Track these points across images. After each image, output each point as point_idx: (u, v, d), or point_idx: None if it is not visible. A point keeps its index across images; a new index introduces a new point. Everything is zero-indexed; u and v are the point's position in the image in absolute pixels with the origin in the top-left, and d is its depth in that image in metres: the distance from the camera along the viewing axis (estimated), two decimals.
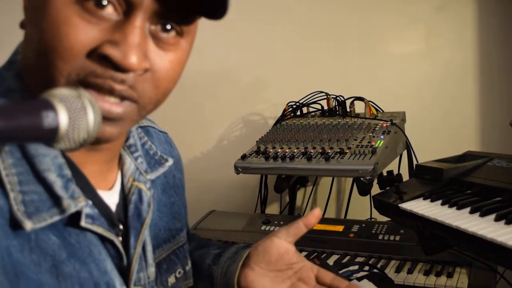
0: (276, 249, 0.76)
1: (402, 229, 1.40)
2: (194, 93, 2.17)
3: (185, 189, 0.84)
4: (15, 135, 0.37)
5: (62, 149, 0.43)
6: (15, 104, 0.39)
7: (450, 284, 1.12)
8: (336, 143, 1.42)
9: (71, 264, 0.53)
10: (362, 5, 1.94)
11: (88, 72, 0.50)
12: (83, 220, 0.55)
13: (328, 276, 0.77)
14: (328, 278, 0.76)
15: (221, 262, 0.79)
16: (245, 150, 1.51)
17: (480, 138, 1.84)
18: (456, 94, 1.86)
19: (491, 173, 0.99)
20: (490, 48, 1.82)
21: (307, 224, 0.78)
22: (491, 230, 0.74)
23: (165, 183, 0.77)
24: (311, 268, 0.77)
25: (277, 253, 0.75)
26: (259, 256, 0.76)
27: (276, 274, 0.76)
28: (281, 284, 0.75)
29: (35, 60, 0.51)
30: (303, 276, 0.76)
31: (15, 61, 0.56)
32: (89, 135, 0.43)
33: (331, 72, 1.99)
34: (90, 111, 0.43)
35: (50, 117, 0.40)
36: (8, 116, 0.37)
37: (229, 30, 2.10)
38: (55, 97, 0.41)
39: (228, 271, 0.77)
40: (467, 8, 1.83)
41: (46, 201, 0.52)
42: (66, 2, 0.49)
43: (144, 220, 0.65)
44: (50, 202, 0.52)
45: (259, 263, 0.75)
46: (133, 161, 0.67)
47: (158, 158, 0.73)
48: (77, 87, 0.48)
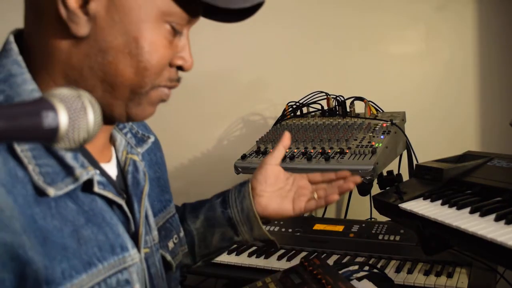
0: (272, 172, 0.93)
1: (402, 229, 1.40)
2: (194, 93, 2.17)
3: (166, 166, 0.91)
4: (15, 135, 0.38)
5: (62, 149, 0.43)
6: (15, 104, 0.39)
7: (450, 284, 1.12)
8: (336, 143, 1.42)
9: (89, 228, 0.58)
10: (362, 5, 1.94)
11: (166, 78, 0.65)
12: (96, 186, 0.60)
13: (317, 176, 0.95)
14: (318, 176, 0.95)
15: (232, 204, 0.92)
16: (245, 150, 1.51)
17: (480, 138, 1.84)
18: (456, 94, 1.86)
19: (491, 173, 0.99)
20: (490, 48, 1.82)
21: (284, 146, 0.94)
22: (491, 230, 0.73)
23: (149, 160, 0.83)
24: (302, 176, 0.96)
25: (273, 175, 0.93)
26: (262, 184, 0.92)
27: (280, 193, 0.93)
28: (286, 198, 0.93)
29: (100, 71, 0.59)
30: (299, 185, 0.94)
31: (10, 49, 0.60)
32: (89, 135, 0.43)
33: (331, 72, 1.99)
34: (90, 111, 0.43)
35: (50, 117, 0.40)
36: (8, 116, 0.37)
37: (229, 31, 2.10)
38: (55, 97, 0.41)
39: (243, 207, 0.91)
40: (467, 8, 1.82)
41: (60, 172, 0.57)
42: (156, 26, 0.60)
43: (143, 187, 0.71)
44: (64, 173, 0.57)
45: (264, 189, 0.92)
46: (123, 136, 0.75)
47: (140, 136, 0.80)
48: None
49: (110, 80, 0.60)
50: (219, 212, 0.93)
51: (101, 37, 0.58)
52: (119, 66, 0.59)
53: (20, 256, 0.51)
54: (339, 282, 0.83)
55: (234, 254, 1.40)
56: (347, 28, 1.97)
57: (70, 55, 0.59)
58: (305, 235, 1.48)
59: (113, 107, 0.63)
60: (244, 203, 0.91)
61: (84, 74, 0.59)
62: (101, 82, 0.60)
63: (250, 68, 2.09)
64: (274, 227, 1.55)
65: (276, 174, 0.93)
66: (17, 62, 0.59)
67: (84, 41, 0.58)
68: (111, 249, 0.60)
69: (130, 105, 0.63)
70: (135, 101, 0.63)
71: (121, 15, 0.58)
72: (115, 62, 0.59)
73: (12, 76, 0.58)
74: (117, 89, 0.61)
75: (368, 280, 0.95)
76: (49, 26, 0.58)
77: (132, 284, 0.62)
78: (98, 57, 0.59)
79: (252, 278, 1.00)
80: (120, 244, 0.62)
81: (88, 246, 0.58)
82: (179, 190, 2.16)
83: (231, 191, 0.94)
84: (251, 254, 1.39)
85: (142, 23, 0.59)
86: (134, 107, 0.64)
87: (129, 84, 0.61)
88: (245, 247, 1.43)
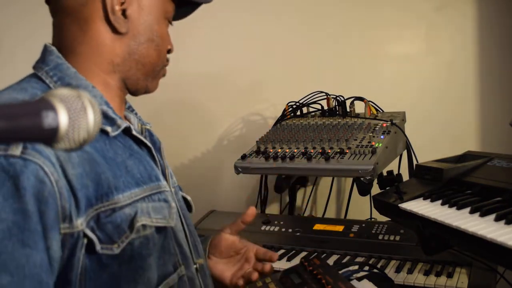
0: (224, 242, 1.03)
1: (402, 229, 1.40)
2: (195, 93, 2.17)
3: None
4: (15, 134, 0.38)
5: (62, 149, 0.43)
6: (16, 104, 0.39)
7: (450, 284, 1.12)
8: (336, 143, 1.42)
9: (132, 160, 0.79)
10: (363, 5, 1.95)
11: (166, 59, 0.90)
12: (134, 131, 0.82)
13: (261, 251, 1.02)
14: (261, 252, 1.01)
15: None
16: (245, 150, 1.51)
17: (480, 138, 1.84)
18: (456, 94, 1.86)
19: (491, 173, 0.99)
20: (491, 48, 1.82)
21: (244, 221, 1.02)
22: (491, 230, 0.73)
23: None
24: (252, 248, 1.02)
25: (225, 245, 1.02)
26: (212, 249, 1.03)
27: (228, 260, 1.03)
28: (232, 267, 1.02)
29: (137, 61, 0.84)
30: (247, 257, 1.02)
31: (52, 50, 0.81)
32: (89, 135, 0.43)
33: (331, 72, 1.99)
34: (90, 111, 0.43)
35: (50, 117, 0.40)
36: (8, 116, 0.37)
37: (229, 31, 2.10)
38: (55, 97, 0.41)
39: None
40: (468, 8, 1.83)
41: (106, 123, 0.77)
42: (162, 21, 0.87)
43: (160, 144, 0.93)
44: (109, 123, 0.78)
45: (214, 254, 1.03)
46: (135, 116, 0.95)
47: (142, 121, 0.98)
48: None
49: (142, 60, 0.85)
50: None
51: (136, 31, 0.83)
52: (149, 50, 0.85)
53: (97, 168, 0.71)
54: (339, 282, 0.83)
55: None
56: (347, 28, 1.98)
57: (115, 47, 0.82)
58: (305, 235, 1.48)
59: (140, 80, 0.87)
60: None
61: (126, 58, 0.83)
62: (135, 63, 0.84)
63: (250, 68, 2.09)
64: (274, 227, 1.55)
65: (228, 244, 1.02)
66: (59, 57, 0.80)
67: (125, 35, 0.82)
68: (149, 177, 0.80)
69: (149, 80, 0.88)
70: (153, 76, 0.88)
71: (146, 15, 0.84)
72: (146, 47, 0.85)
73: (59, 65, 0.79)
74: (145, 67, 0.86)
75: (368, 280, 0.95)
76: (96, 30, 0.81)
77: (169, 202, 0.83)
78: (135, 45, 0.83)
79: None
80: (155, 175, 0.82)
81: (134, 172, 0.77)
82: None
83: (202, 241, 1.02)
84: None
85: (157, 20, 0.85)
86: (151, 81, 0.89)
87: (154, 62, 0.87)
88: None
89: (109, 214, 0.71)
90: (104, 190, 0.71)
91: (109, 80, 0.82)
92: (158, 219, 0.78)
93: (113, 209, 0.72)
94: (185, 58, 2.12)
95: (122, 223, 0.72)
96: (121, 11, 0.81)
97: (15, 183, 0.60)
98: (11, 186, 0.60)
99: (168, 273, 0.81)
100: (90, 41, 0.81)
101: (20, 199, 0.60)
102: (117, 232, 0.71)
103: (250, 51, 2.09)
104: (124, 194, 0.74)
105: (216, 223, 1.64)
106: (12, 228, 0.59)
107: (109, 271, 0.71)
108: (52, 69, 0.78)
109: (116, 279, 0.72)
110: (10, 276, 0.58)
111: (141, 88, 0.88)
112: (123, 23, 0.81)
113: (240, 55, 2.10)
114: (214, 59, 2.12)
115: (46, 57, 0.80)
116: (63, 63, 0.79)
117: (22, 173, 0.61)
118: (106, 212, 0.71)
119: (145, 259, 0.76)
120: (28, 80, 0.78)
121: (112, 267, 0.71)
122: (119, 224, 0.72)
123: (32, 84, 0.76)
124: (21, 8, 2.20)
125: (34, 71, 0.80)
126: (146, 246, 0.76)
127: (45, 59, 0.80)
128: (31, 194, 0.61)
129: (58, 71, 0.78)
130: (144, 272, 0.76)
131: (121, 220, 0.72)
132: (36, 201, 0.61)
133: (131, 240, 0.73)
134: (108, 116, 0.79)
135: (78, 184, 0.67)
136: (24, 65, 0.85)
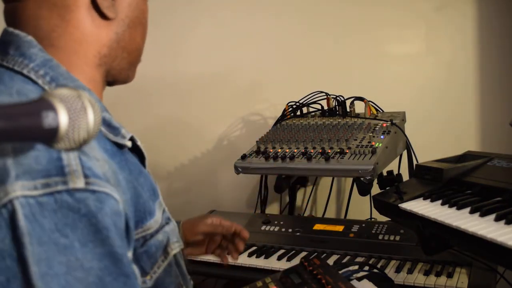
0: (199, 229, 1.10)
1: (402, 229, 1.40)
2: (195, 93, 2.17)
3: None
4: (16, 135, 0.38)
5: (62, 149, 0.43)
6: (16, 104, 0.39)
7: (450, 284, 1.12)
8: (336, 143, 1.42)
9: (142, 177, 0.69)
10: (363, 5, 1.95)
11: None
12: (139, 142, 0.73)
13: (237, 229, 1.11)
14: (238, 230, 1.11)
15: None
16: (245, 150, 1.51)
17: (480, 138, 1.84)
18: (456, 94, 1.86)
19: (491, 173, 0.99)
20: (491, 48, 1.82)
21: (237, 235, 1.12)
22: (491, 230, 0.73)
23: None
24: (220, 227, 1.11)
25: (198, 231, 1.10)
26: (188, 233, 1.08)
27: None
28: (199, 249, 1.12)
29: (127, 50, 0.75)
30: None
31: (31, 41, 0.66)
32: (89, 135, 0.43)
33: (331, 72, 1.99)
34: (90, 111, 0.43)
35: (50, 117, 0.40)
36: (8, 116, 0.37)
37: (229, 31, 2.10)
38: (55, 97, 0.41)
39: None
40: (468, 7, 1.83)
41: (114, 133, 0.67)
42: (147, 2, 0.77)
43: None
44: (114, 132, 0.67)
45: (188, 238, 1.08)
46: None
47: None
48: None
49: (128, 47, 0.75)
50: None
51: (123, 15, 0.73)
52: (135, 34, 0.76)
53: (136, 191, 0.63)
54: (339, 282, 0.83)
55: None
56: (347, 28, 1.97)
57: (101, 35, 0.71)
58: (305, 235, 1.48)
59: (123, 70, 0.76)
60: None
61: (113, 47, 0.73)
62: (122, 51, 0.74)
63: (249, 68, 2.09)
64: (274, 227, 1.55)
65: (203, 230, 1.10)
66: (42, 50, 0.66)
67: (112, 21, 0.72)
68: (154, 193, 0.71)
69: (132, 69, 0.79)
70: (135, 64, 0.79)
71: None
72: (134, 31, 0.75)
73: (48, 61, 0.65)
74: (131, 54, 0.76)
75: (368, 280, 0.95)
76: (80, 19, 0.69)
77: (172, 221, 0.76)
78: (122, 31, 0.73)
79: (252, 278, 1.00)
80: (157, 191, 0.73)
81: (144, 188, 0.68)
82: (179, 190, 2.17)
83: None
84: (251, 254, 1.39)
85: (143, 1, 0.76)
86: (133, 70, 0.79)
87: (140, 48, 0.78)
88: (245, 247, 1.43)
89: (142, 243, 0.63)
90: (140, 216, 0.63)
91: (95, 76, 0.71)
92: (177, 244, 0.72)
93: (145, 236, 0.64)
94: (185, 58, 2.12)
95: (156, 251, 0.66)
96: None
97: (91, 223, 0.50)
98: (87, 228, 0.50)
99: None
100: (73, 32, 0.68)
101: (103, 241, 0.50)
102: (150, 263, 0.65)
103: (250, 51, 2.09)
104: (154, 218, 0.66)
105: None
106: (103, 277, 0.50)
107: None
108: (41, 66, 0.64)
109: None
110: None
111: (122, 79, 0.78)
112: (111, 6, 0.70)
113: (240, 55, 2.10)
114: (214, 59, 2.12)
115: (24, 50, 0.64)
116: (51, 59, 0.66)
117: (99, 210, 0.51)
118: (139, 241, 0.63)
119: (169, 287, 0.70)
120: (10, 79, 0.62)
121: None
122: (153, 254, 0.65)
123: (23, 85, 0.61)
124: None
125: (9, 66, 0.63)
126: (169, 274, 0.70)
127: (23, 52, 0.64)
128: (114, 233, 0.52)
129: (49, 69, 0.64)
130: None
131: (156, 248, 0.65)
132: (120, 239, 0.53)
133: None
134: (112, 125, 0.68)
135: (130, 212, 0.59)
136: None
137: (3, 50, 0.65)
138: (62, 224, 0.48)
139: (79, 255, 0.49)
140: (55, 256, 0.47)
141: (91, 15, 0.69)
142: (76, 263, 0.48)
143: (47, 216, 0.48)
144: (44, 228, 0.47)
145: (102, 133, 0.65)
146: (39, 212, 0.48)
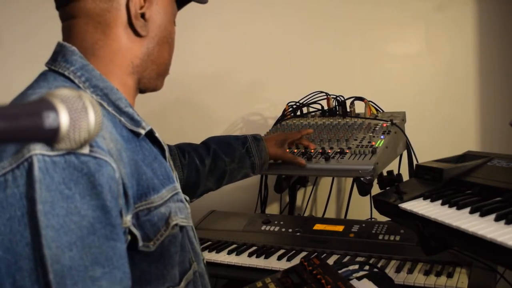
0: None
1: (402, 229, 1.40)
2: (195, 93, 2.17)
3: None
4: (16, 135, 0.38)
5: (63, 149, 0.43)
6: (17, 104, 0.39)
7: (450, 284, 1.12)
8: (336, 143, 1.42)
9: (156, 162, 0.83)
10: (363, 5, 1.95)
11: None
12: (156, 133, 0.87)
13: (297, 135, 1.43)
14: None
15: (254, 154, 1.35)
16: None
17: (480, 138, 1.85)
18: (456, 94, 1.86)
19: (491, 173, 0.99)
20: (491, 48, 1.82)
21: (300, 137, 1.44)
22: (491, 230, 0.73)
23: None
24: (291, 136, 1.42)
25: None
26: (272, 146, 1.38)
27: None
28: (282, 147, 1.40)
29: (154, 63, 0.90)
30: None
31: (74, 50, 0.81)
32: (90, 135, 0.43)
33: (331, 72, 1.99)
34: (91, 112, 0.43)
35: (51, 117, 0.40)
36: (9, 116, 0.37)
37: (229, 31, 2.10)
38: (56, 98, 0.41)
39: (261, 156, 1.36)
40: (468, 7, 1.83)
41: (133, 124, 0.81)
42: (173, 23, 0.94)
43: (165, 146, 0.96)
44: (135, 124, 0.81)
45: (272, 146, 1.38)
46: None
47: None
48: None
49: (157, 61, 0.90)
50: (247, 159, 1.34)
51: (153, 33, 0.88)
52: (163, 51, 0.91)
53: (139, 168, 0.76)
54: (339, 282, 0.83)
55: (234, 254, 1.40)
56: (348, 28, 1.98)
57: (134, 49, 0.86)
58: (305, 235, 1.48)
59: (152, 80, 0.91)
60: (263, 154, 1.35)
61: (144, 59, 0.88)
62: (151, 63, 0.89)
63: (250, 68, 2.09)
64: (274, 227, 1.55)
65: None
66: (82, 57, 0.81)
67: (144, 38, 0.87)
68: (168, 179, 0.84)
69: (160, 79, 0.94)
70: (163, 76, 0.95)
71: (162, 17, 0.89)
72: (162, 48, 0.90)
73: (85, 65, 0.80)
74: (160, 67, 0.91)
75: (368, 279, 0.95)
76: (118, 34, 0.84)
77: (184, 203, 0.89)
78: (152, 46, 0.88)
79: (252, 278, 1.00)
80: (172, 176, 0.86)
81: (158, 174, 0.82)
82: None
83: (251, 144, 1.35)
84: (251, 254, 1.39)
85: (170, 21, 0.91)
86: (161, 80, 0.95)
87: (167, 62, 0.94)
88: (245, 247, 1.43)
89: (146, 213, 0.76)
90: (143, 190, 0.76)
91: (127, 81, 0.86)
92: (182, 219, 0.85)
93: (149, 208, 0.77)
94: (186, 58, 2.12)
95: (158, 221, 0.78)
96: (141, 15, 0.86)
97: (90, 180, 0.62)
98: (86, 184, 0.62)
99: (186, 270, 0.87)
100: (111, 44, 0.84)
101: (98, 196, 0.63)
102: (153, 230, 0.77)
103: (250, 51, 2.09)
104: (158, 195, 0.79)
105: (216, 223, 1.64)
106: (94, 223, 0.62)
107: (141, 268, 0.76)
108: (79, 69, 0.79)
109: (147, 275, 0.77)
110: (102, 267, 0.62)
111: (151, 87, 0.93)
112: (143, 26, 0.86)
113: (241, 55, 2.10)
114: (214, 59, 2.12)
115: (68, 57, 0.81)
116: (88, 64, 0.81)
117: (97, 171, 0.63)
118: (143, 211, 0.75)
119: (173, 257, 0.82)
120: (54, 79, 0.78)
121: (143, 264, 0.76)
122: (155, 223, 0.77)
123: (63, 83, 0.77)
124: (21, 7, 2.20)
125: (56, 69, 0.80)
126: (174, 244, 0.82)
127: (67, 58, 0.80)
128: (107, 190, 0.64)
129: (85, 72, 0.80)
130: (172, 269, 0.82)
131: (158, 218, 0.78)
132: (112, 197, 0.65)
133: (163, 238, 0.78)
134: (134, 118, 0.82)
135: (129, 182, 0.71)
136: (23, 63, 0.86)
137: (54, 57, 0.82)
138: (68, 179, 0.61)
139: (78, 204, 0.61)
140: (58, 201, 0.60)
141: (127, 32, 0.85)
142: (75, 210, 0.61)
143: (57, 172, 0.61)
144: (53, 179, 0.60)
145: (122, 122, 0.80)
146: (51, 167, 0.61)
